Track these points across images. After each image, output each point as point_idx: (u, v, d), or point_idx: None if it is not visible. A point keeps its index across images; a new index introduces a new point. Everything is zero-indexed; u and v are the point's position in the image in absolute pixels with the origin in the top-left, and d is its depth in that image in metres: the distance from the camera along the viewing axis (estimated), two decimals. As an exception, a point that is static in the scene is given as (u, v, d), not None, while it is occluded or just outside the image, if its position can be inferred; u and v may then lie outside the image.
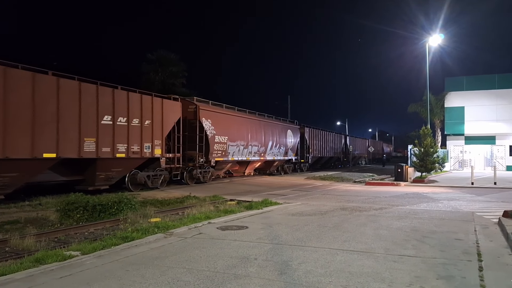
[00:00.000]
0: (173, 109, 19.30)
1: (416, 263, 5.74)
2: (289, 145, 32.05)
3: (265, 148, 27.94)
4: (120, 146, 15.88)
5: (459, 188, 19.68)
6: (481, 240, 7.31)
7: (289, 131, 32.08)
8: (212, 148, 21.61)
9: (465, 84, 37.34)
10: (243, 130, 25.09)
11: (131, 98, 16.57)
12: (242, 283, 4.84)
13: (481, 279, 5.03)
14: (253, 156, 26.46)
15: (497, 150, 36.39)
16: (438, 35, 29.15)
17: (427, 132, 24.74)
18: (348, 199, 14.71)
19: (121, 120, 16.03)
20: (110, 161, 15.53)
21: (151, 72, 37.95)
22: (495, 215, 9.98)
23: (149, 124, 17.50)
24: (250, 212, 10.91)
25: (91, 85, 14.83)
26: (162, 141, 18.26)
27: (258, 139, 26.91)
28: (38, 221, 10.37)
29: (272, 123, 29.82)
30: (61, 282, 4.93)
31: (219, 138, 22.30)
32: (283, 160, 31.39)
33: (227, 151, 23.21)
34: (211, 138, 21.55)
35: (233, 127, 23.93)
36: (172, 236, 7.60)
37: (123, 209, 10.72)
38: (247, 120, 26.23)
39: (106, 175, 15.64)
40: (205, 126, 21.11)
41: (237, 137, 24.25)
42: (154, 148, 17.69)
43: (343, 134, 50.14)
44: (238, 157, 24.53)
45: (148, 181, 17.58)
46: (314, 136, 37.02)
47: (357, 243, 6.98)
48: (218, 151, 22.26)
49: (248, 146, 25.52)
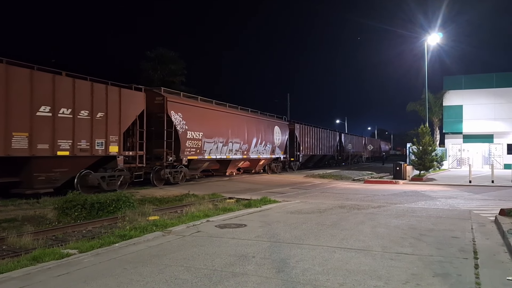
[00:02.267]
0: (134, 100, 16.94)
1: (413, 261, 5.76)
2: (277, 142, 29.96)
3: (248, 146, 25.70)
4: (63, 143, 13.58)
5: (457, 186, 19.74)
6: (478, 238, 7.35)
7: (276, 128, 30.10)
8: (183, 145, 19.42)
9: (463, 83, 37.42)
10: (222, 126, 22.83)
11: (78, 86, 14.20)
12: (240, 281, 4.85)
13: (476, 276, 5.05)
14: (234, 154, 24.27)
15: (495, 148, 36.49)
16: (437, 34, 29.24)
17: (426, 130, 24.77)
18: (346, 197, 14.74)
19: (64, 111, 13.61)
20: (50, 160, 13.28)
21: (150, 70, 37.90)
22: (492, 213, 10.01)
23: (103, 117, 15.14)
24: (248, 210, 10.93)
25: (23, 70, 12.66)
26: (120, 137, 15.94)
27: (240, 135, 24.69)
28: (36, 219, 10.35)
29: (256, 119, 27.63)
30: (58, 281, 4.93)
31: (192, 134, 20.09)
32: (270, 158, 29.36)
33: (203, 148, 21.00)
34: (182, 133, 19.33)
35: (209, 122, 21.70)
36: (170, 234, 7.61)
37: (121, 207, 10.71)
38: (226, 114, 23.87)
39: (47, 176, 13.40)
40: (175, 120, 18.86)
41: (214, 133, 22.03)
42: (108, 145, 15.35)
43: (338, 131, 48.47)
44: (216, 155, 22.37)
45: (103, 183, 15.22)
46: (306, 133, 35.26)
47: (354, 241, 7.00)
48: (191, 149, 20.08)
49: (228, 143, 23.33)
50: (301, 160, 34.48)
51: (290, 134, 32.42)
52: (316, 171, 32.34)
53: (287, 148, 32.15)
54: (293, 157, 33.26)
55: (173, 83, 36.90)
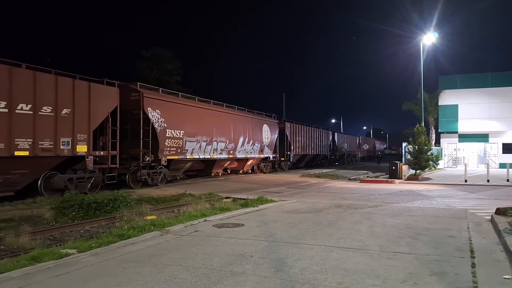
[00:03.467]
0: (106, 96, 15.68)
1: (410, 260, 5.81)
2: (266, 141, 28.75)
3: (235, 145, 24.54)
4: (22, 142, 12.50)
5: (453, 186, 19.85)
6: (474, 237, 7.41)
7: (265, 126, 28.79)
8: (162, 144, 18.23)
9: (458, 83, 37.61)
10: (205, 124, 21.63)
11: (40, 80, 13.08)
12: (239, 280, 4.88)
13: (473, 275, 5.10)
14: (219, 154, 23.12)
15: (490, 148, 36.72)
16: (432, 34, 29.36)
17: (421, 130, 24.90)
18: (343, 197, 14.80)
19: (23, 107, 12.56)
20: (7, 161, 12.25)
21: (146, 69, 37.83)
22: (488, 212, 10.09)
23: (69, 113, 13.94)
24: (245, 209, 10.95)
25: None
26: (89, 136, 14.79)
27: (225, 134, 23.55)
28: (33, 219, 10.33)
29: (244, 117, 26.34)
30: (57, 280, 4.94)
31: (171, 132, 18.87)
32: (258, 158, 28.23)
33: (184, 147, 19.81)
34: (161, 132, 18.16)
35: (191, 120, 20.50)
36: (168, 234, 7.62)
37: (118, 206, 10.73)
38: (210, 112, 22.59)
39: (5, 178, 12.41)
40: (152, 117, 17.63)
41: (197, 132, 20.85)
42: (76, 144, 14.20)
43: (331, 130, 47.06)
44: (199, 155, 21.15)
45: (70, 186, 14.02)
46: (297, 132, 34.17)
47: (352, 241, 7.04)
48: (171, 148, 18.87)
49: (212, 142, 22.18)
50: (292, 159, 33.63)
51: (281, 133, 31.49)
52: (312, 171, 32.33)
53: (277, 148, 31.22)
54: (284, 156, 32.35)
55: (168, 83, 36.85)
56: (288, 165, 33.58)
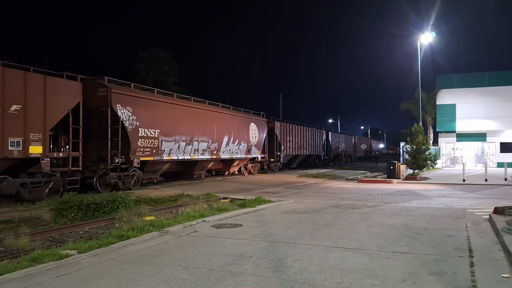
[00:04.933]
0: (66, 91, 14.18)
1: (409, 259, 5.84)
2: (253, 141, 27.29)
3: (218, 145, 23.17)
4: None
5: (451, 185, 19.91)
6: (472, 236, 7.44)
7: (252, 125, 27.35)
8: (134, 144, 16.76)
9: (456, 82, 37.70)
10: (184, 122, 20.25)
11: None
12: (238, 280, 4.90)
13: (472, 274, 5.14)
14: (201, 154, 21.69)
15: (488, 147, 36.82)
16: (430, 34, 29.39)
17: (419, 129, 24.95)
18: (341, 197, 14.83)
19: None
20: None
21: (143, 70, 37.85)
22: (486, 211, 10.14)
23: (20, 110, 12.49)
24: (243, 210, 10.97)
25: None
26: (45, 135, 13.37)
27: (208, 133, 22.16)
28: (32, 220, 10.35)
29: (228, 115, 24.90)
30: (58, 281, 4.95)
31: (145, 131, 17.46)
32: (245, 158, 26.86)
33: (160, 148, 18.41)
34: (132, 131, 16.67)
35: (168, 118, 19.13)
36: (167, 234, 7.64)
37: (117, 207, 10.75)
38: (190, 109, 21.10)
39: None
40: (122, 115, 16.14)
41: (175, 131, 19.45)
42: (28, 144, 12.74)
43: (325, 129, 45.64)
44: (178, 156, 19.68)
45: (24, 191, 12.68)
46: (287, 131, 32.87)
47: (350, 241, 7.06)
48: (145, 149, 17.45)
49: (193, 142, 20.78)
50: (282, 160, 32.34)
51: (270, 133, 30.33)
52: (309, 171, 32.37)
53: (265, 148, 29.89)
54: (273, 157, 31.00)
55: (165, 84, 36.89)
56: (278, 166, 32.34)
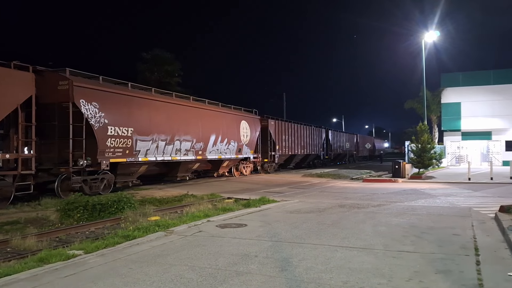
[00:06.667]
0: (13, 83, 12.65)
1: (415, 258, 5.83)
2: (244, 140, 25.50)
3: (204, 144, 21.31)
4: None
5: (456, 184, 19.82)
6: (478, 235, 7.42)
7: (243, 123, 25.53)
8: (102, 144, 14.98)
9: (461, 80, 37.57)
10: (163, 120, 18.46)
11: None
12: (244, 280, 4.91)
13: (478, 272, 5.12)
14: (184, 155, 19.86)
15: (493, 145, 36.62)
16: (434, 32, 29.25)
17: (424, 128, 24.87)
18: (346, 196, 14.81)
19: None
20: None
21: (147, 71, 37.95)
22: (492, 210, 10.09)
23: None
24: (248, 210, 10.98)
25: None
26: None
27: (192, 132, 20.26)
28: (38, 221, 10.41)
29: (216, 112, 22.99)
30: (66, 281, 4.99)
31: (115, 129, 15.57)
32: (236, 159, 25.06)
33: (135, 148, 16.60)
34: (100, 129, 14.89)
35: (143, 115, 17.24)
36: (172, 234, 7.66)
37: (123, 208, 10.80)
38: (170, 106, 19.27)
39: None
40: (86, 111, 14.36)
41: (152, 129, 17.60)
42: None
43: (324, 128, 43.39)
44: (156, 157, 17.96)
45: None
46: (283, 130, 31.11)
47: (356, 240, 7.06)
48: (116, 149, 15.64)
49: (174, 142, 18.97)
50: (277, 160, 30.52)
51: (264, 131, 28.52)
52: (314, 170, 32.31)
53: (258, 147, 28.14)
54: (267, 157, 29.25)
55: (169, 84, 36.96)
56: (273, 166, 30.58)
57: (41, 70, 13.94)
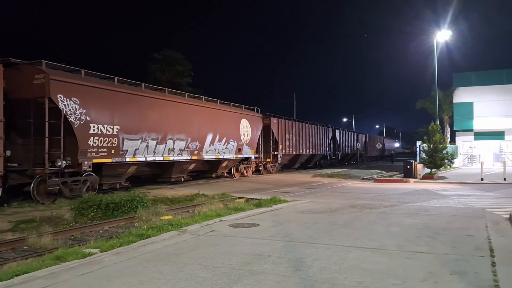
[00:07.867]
0: None
1: (429, 259, 5.80)
2: (245, 139, 24.35)
3: (200, 144, 20.20)
4: None
5: (469, 184, 19.63)
6: (493, 236, 7.34)
7: (244, 121, 24.38)
8: (83, 143, 13.88)
9: (473, 80, 37.18)
10: (154, 117, 17.30)
11: None
12: (259, 279, 4.93)
13: (494, 274, 5.08)
14: (178, 155, 18.75)
15: (506, 145, 36.17)
16: (447, 31, 28.99)
17: (436, 128, 24.69)
18: (357, 197, 14.75)
19: None
20: None
21: (158, 71, 38.18)
22: (506, 211, 9.99)
23: None
24: (259, 209, 11.00)
25: None
26: None
27: (186, 130, 19.14)
28: (53, 219, 10.57)
29: (213, 109, 21.78)
30: (82, 279, 5.06)
31: (98, 127, 14.45)
32: (235, 159, 23.97)
33: (121, 148, 15.49)
34: (81, 127, 13.81)
35: (131, 112, 16.10)
36: (185, 234, 7.72)
37: (136, 207, 10.90)
38: (162, 102, 18.00)
39: None
40: (65, 108, 13.29)
41: (141, 127, 16.44)
42: None
43: (331, 127, 42.03)
44: (146, 157, 16.88)
45: None
46: (286, 129, 29.96)
47: (369, 240, 7.04)
48: (100, 149, 14.56)
49: (166, 141, 17.87)
50: (280, 160, 29.42)
51: (266, 130, 27.35)
52: (324, 171, 32.20)
53: (260, 147, 26.98)
54: (269, 157, 28.11)
55: (180, 84, 37.15)
56: (276, 167, 29.54)
57: (15, 62, 12.99)
